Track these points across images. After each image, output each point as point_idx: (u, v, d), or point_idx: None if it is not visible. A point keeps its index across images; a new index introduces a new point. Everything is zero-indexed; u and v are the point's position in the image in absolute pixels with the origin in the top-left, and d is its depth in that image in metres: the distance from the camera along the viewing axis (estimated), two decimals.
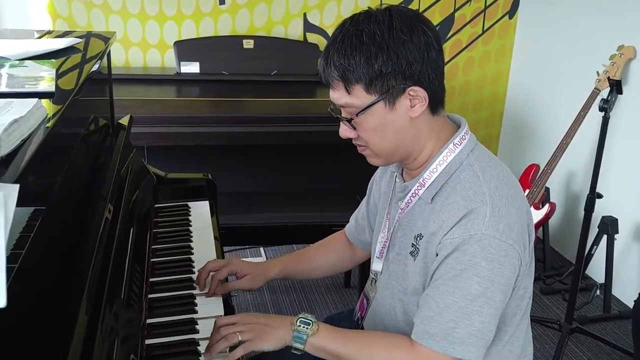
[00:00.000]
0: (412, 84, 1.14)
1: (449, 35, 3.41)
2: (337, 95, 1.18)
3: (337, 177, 2.81)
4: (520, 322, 1.29)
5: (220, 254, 1.61)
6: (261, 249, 3.09)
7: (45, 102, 0.94)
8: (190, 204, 1.83)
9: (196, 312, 1.32)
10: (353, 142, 1.24)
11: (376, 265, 1.37)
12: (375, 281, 1.39)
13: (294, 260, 1.55)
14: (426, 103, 1.16)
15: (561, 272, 3.00)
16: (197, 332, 1.26)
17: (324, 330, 1.20)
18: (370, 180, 1.51)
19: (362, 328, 1.44)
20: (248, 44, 2.94)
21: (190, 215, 1.76)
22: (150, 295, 1.35)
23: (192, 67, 2.90)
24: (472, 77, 3.55)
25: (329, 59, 1.16)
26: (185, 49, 2.89)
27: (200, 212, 1.80)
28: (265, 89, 2.88)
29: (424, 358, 1.16)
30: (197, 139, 2.54)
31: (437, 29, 1.20)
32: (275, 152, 2.79)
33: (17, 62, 1.14)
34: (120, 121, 1.76)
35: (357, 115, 1.16)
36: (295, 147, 2.73)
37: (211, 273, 1.43)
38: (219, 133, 2.56)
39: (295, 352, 1.20)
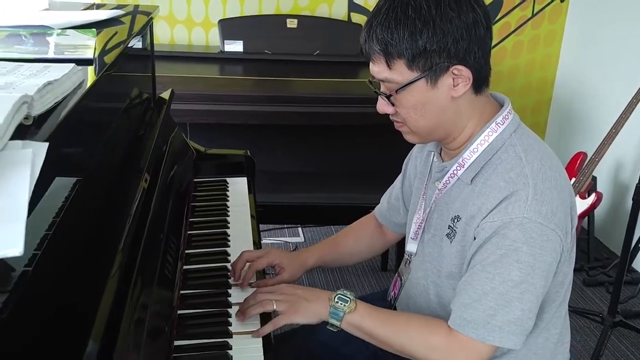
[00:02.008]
0: (456, 63, 1.10)
1: (497, 18, 3.32)
2: (378, 69, 1.14)
3: (377, 159, 2.78)
4: (558, 310, 1.25)
5: (256, 232, 1.60)
6: (299, 229, 3.10)
7: (90, 71, 0.95)
8: (228, 179, 1.83)
9: (229, 286, 1.33)
10: (390, 117, 1.21)
11: (410, 247, 1.35)
12: (409, 262, 1.36)
13: (328, 248, 1.53)
14: (470, 83, 1.12)
15: (605, 264, 2.91)
16: (229, 305, 1.26)
17: (361, 308, 1.19)
18: (406, 159, 1.48)
19: (395, 309, 1.43)
20: (292, 23, 2.92)
21: (228, 191, 1.77)
22: (185, 267, 1.37)
23: (235, 46, 2.90)
24: (520, 61, 3.46)
25: (371, 31, 1.11)
26: (229, 27, 2.90)
27: (238, 188, 1.80)
28: (307, 69, 2.86)
29: (461, 346, 1.13)
30: (239, 117, 2.55)
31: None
32: (316, 132, 2.78)
33: (60, 30, 1.15)
34: (161, 95, 1.77)
35: (396, 91, 1.13)
36: (336, 127, 2.71)
37: (248, 263, 1.38)
38: (260, 112, 2.56)
39: (330, 328, 1.19)
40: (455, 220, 1.19)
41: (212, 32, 3.06)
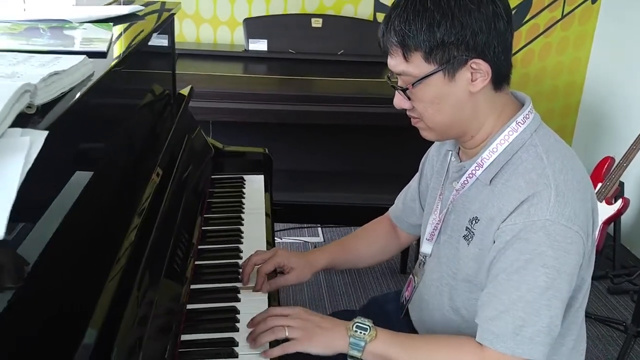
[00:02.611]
0: (475, 56, 1.07)
1: (525, 20, 3.28)
2: (394, 62, 1.12)
3: (399, 160, 2.75)
4: (575, 315, 1.22)
5: (270, 230, 1.59)
6: (319, 229, 3.09)
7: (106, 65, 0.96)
8: (245, 177, 1.83)
9: (238, 281, 1.33)
10: (407, 113, 1.18)
11: (425, 248, 1.32)
12: (424, 264, 1.34)
13: (340, 250, 1.49)
14: (488, 78, 1.09)
15: (631, 271, 2.84)
16: (238, 300, 1.26)
17: (382, 335, 1.13)
18: (423, 159, 1.45)
19: (407, 310, 1.41)
20: (317, 22, 2.92)
21: (244, 188, 1.77)
22: (197, 262, 1.37)
23: (260, 45, 2.91)
24: (549, 64, 3.41)
25: (389, 24, 1.10)
26: (254, 26, 2.91)
27: (254, 186, 1.80)
28: (331, 69, 2.86)
29: None
30: (261, 115, 2.56)
31: (513, 13, 1.13)
32: (339, 132, 2.77)
33: (78, 24, 1.16)
34: (181, 92, 1.78)
35: (413, 85, 1.11)
36: (359, 127, 2.70)
37: (256, 267, 1.35)
38: (283, 111, 2.57)
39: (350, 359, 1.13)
40: (474, 222, 1.17)
41: (238, 31, 3.08)
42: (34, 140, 0.57)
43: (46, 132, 0.60)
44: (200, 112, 2.52)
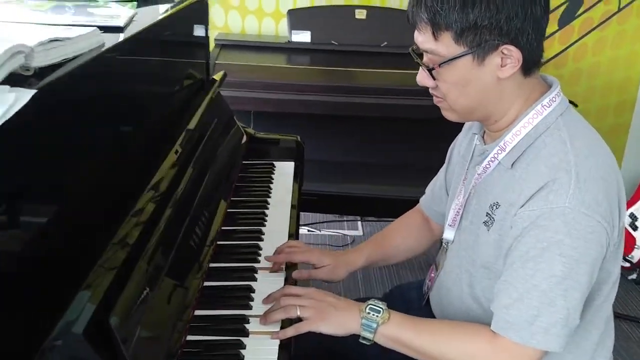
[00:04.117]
0: (507, 42, 1.04)
1: (578, 13, 3.16)
2: (422, 38, 1.08)
3: (441, 153, 2.71)
4: (600, 309, 1.17)
5: (295, 220, 1.57)
6: (358, 222, 3.07)
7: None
8: (276, 163, 1.84)
9: (258, 262, 1.33)
10: (430, 91, 1.15)
11: (448, 234, 1.29)
12: (446, 250, 1.31)
13: (375, 247, 1.47)
14: (519, 65, 1.06)
15: None
16: (255, 279, 1.27)
17: (395, 318, 1.12)
18: (451, 145, 1.42)
19: (428, 298, 1.38)
20: (360, 14, 2.90)
21: (273, 174, 1.78)
22: (219, 242, 1.38)
23: (303, 36, 2.91)
24: (603, 58, 3.27)
25: None
26: (298, 17, 2.91)
27: (284, 172, 1.81)
28: (374, 60, 2.83)
29: (504, 351, 1.06)
30: (302, 107, 2.57)
31: (565, 7, 1.09)
32: (381, 124, 2.75)
33: (102, 2, 1.19)
34: (214, 77, 1.80)
35: (440, 65, 1.07)
36: (402, 119, 2.67)
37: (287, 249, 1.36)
38: (325, 102, 2.57)
39: (363, 341, 1.13)
40: (494, 208, 1.13)
41: (282, 23, 3.09)
42: (19, 97, 0.58)
43: (33, 91, 0.61)
44: (242, 102, 2.55)
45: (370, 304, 1.12)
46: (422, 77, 1.13)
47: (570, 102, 2.85)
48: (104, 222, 0.93)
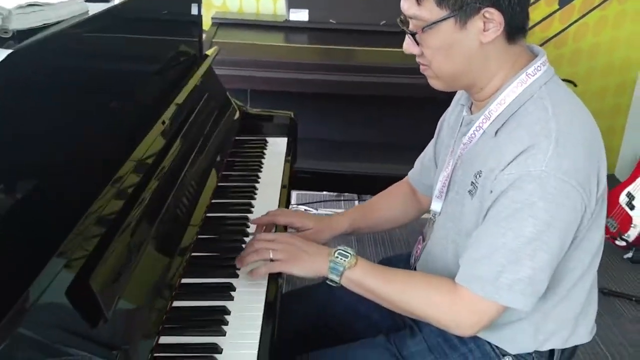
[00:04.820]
0: (488, 5, 1.04)
1: None
2: (407, 5, 1.09)
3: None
4: (582, 279, 1.18)
5: (286, 195, 1.59)
6: (355, 202, 3.08)
7: None
8: (269, 139, 1.85)
9: (247, 235, 1.35)
10: (417, 60, 1.17)
11: (435, 205, 1.31)
12: (434, 222, 1.33)
13: (361, 214, 1.49)
14: (501, 28, 1.06)
15: None
16: (242, 250, 1.28)
17: (362, 264, 1.16)
18: (441, 117, 1.43)
19: (415, 269, 1.39)
20: None
21: (266, 149, 1.79)
22: (208, 214, 1.40)
23: (301, 15, 2.91)
24: (603, 39, 3.26)
25: None
26: None
27: (277, 148, 1.82)
28: (372, 39, 2.82)
29: (465, 303, 1.10)
30: (300, 85, 2.58)
31: None
32: (379, 102, 2.75)
33: None
34: (206, 52, 1.80)
35: (422, 29, 1.09)
36: (398, 98, 2.67)
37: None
38: (322, 80, 2.57)
39: (330, 283, 1.17)
40: (478, 176, 1.14)
41: (280, 2, 3.08)
42: None
43: (8, 51, 0.62)
44: (238, 80, 2.55)
45: (340, 249, 1.16)
46: (408, 45, 1.14)
47: (569, 81, 2.85)
48: (83, 190, 0.94)
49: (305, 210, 2.98)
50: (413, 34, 1.11)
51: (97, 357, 0.84)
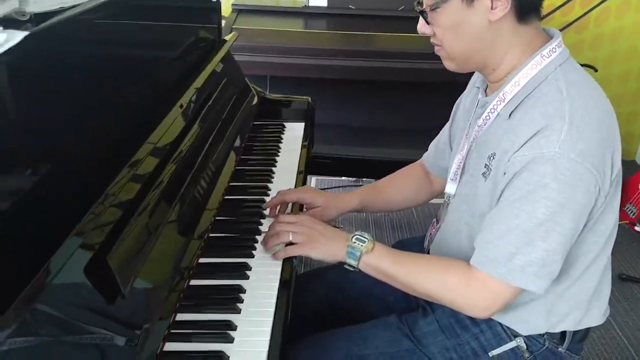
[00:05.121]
0: None
1: None
2: None
3: None
4: (596, 261, 1.19)
5: (303, 168, 1.62)
6: None
7: None
8: (286, 124, 1.87)
9: (264, 217, 1.37)
10: (431, 40, 1.18)
11: (449, 188, 1.32)
12: (448, 205, 1.34)
13: (372, 192, 1.51)
14: (508, 6, 1.07)
15: None
16: (259, 232, 1.31)
17: (379, 249, 1.18)
18: (457, 101, 1.43)
19: (429, 252, 1.41)
20: None
21: (283, 134, 1.81)
22: (226, 197, 1.42)
23: (320, 0, 2.91)
24: (626, 22, 3.21)
25: None
26: None
27: (295, 133, 1.83)
28: (391, 24, 2.82)
29: (479, 284, 1.11)
30: (319, 71, 2.58)
31: None
32: (397, 88, 2.75)
33: None
34: (225, 38, 1.82)
35: (430, 8, 1.10)
36: (417, 84, 2.67)
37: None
38: (341, 66, 2.58)
39: (348, 267, 1.19)
40: (491, 158, 1.15)
41: None
42: (9, 38, 0.62)
43: (24, 33, 0.65)
44: (258, 66, 2.57)
45: (357, 234, 1.19)
46: (421, 25, 1.16)
47: (590, 66, 2.81)
48: (98, 172, 0.97)
49: None
50: (423, 13, 1.12)
51: (119, 336, 0.86)
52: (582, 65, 1.17)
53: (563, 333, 1.23)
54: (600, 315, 1.25)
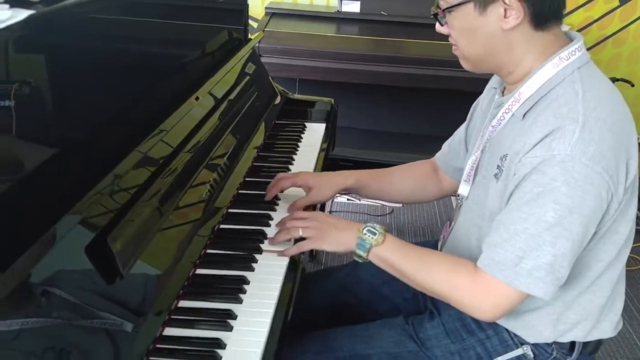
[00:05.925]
0: None
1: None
2: None
3: None
4: (608, 271, 1.16)
5: (321, 166, 1.62)
6: None
7: None
8: (307, 124, 1.88)
9: (275, 211, 1.38)
10: (449, 40, 1.18)
11: (462, 189, 1.30)
12: (461, 206, 1.32)
13: (370, 175, 1.50)
14: (521, 16, 1.06)
15: None
16: (269, 225, 1.32)
17: (389, 241, 1.18)
18: (475, 102, 1.42)
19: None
20: None
21: (303, 133, 1.82)
22: (241, 191, 1.44)
23: (352, 6, 2.93)
24: None
25: None
26: None
27: (315, 134, 1.84)
28: (423, 31, 2.81)
29: (485, 287, 1.09)
30: (348, 75, 2.61)
31: None
32: (425, 95, 2.75)
33: None
34: (251, 36, 1.85)
35: (443, 10, 1.11)
36: (446, 91, 2.66)
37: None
38: (371, 71, 2.60)
39: (357, 259, 1.20)
40: (503, 159, 1.13)
41: None
42: (14, 15, 0.64)
43: (30, 12, 0.67)
44: (288, 69, 2.61)
45: (369, 226, 1.18)
46: (438, 25, 1.17)
47: (626, 81, 2.75)
48: (106, 157, 0.99)
49: (347, 200, 3.00)
50: (437, 15, 1.13)
51: (126, 321, 0.88)
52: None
53: (572, 343, 1.20)
54: (612, 329, 1.22)
